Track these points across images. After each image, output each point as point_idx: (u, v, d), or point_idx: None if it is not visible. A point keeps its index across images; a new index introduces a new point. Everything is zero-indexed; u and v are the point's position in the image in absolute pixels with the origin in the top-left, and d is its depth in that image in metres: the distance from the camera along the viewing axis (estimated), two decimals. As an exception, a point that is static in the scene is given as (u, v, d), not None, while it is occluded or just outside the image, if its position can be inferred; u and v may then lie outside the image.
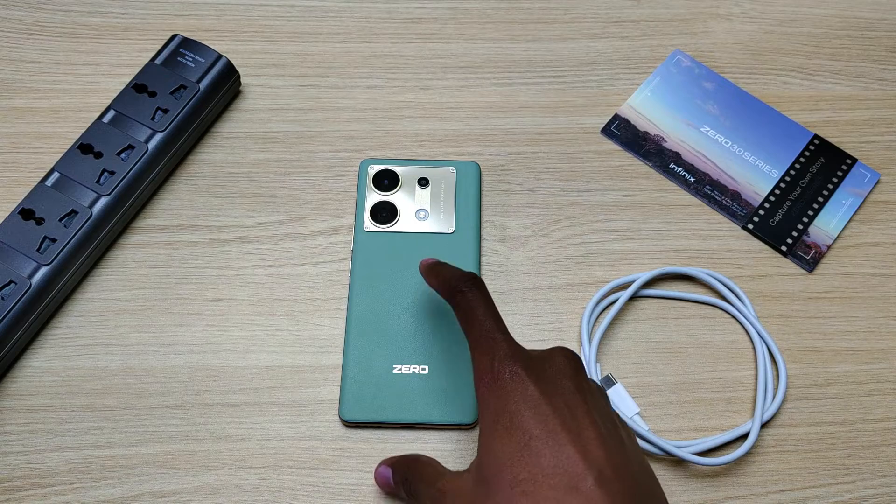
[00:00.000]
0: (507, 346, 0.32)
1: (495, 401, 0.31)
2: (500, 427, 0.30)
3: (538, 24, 0.53)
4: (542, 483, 0.28)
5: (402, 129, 0.49)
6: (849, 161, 0.49)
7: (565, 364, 0.32)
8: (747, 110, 0.50)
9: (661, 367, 0.43)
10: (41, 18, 0.51)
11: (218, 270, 0.44)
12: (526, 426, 0.29)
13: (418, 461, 0.35)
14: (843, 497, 0.40)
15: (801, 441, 0.41)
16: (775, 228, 0.46)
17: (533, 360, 0.32)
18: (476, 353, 0.33)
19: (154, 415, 0.40)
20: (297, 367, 0.42)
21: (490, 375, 0.31)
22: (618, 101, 0.50)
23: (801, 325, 0.44)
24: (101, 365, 0.41)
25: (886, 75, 0.52)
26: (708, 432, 0.41)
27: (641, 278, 0.43)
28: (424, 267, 0.38)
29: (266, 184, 0.46)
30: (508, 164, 0.48)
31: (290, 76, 0.50)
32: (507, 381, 0.31)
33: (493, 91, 0.50)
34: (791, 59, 0.52)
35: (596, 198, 0.47)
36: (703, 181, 0.48)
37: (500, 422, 0.30)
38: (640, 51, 0.52)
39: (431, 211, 0.45)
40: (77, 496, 0.38)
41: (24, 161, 0.46)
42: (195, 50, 0.47)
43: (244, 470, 0.39)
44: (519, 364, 0.31)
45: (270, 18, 0.52)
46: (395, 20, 0.52)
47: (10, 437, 0.39)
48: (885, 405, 0.42)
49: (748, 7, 0.54)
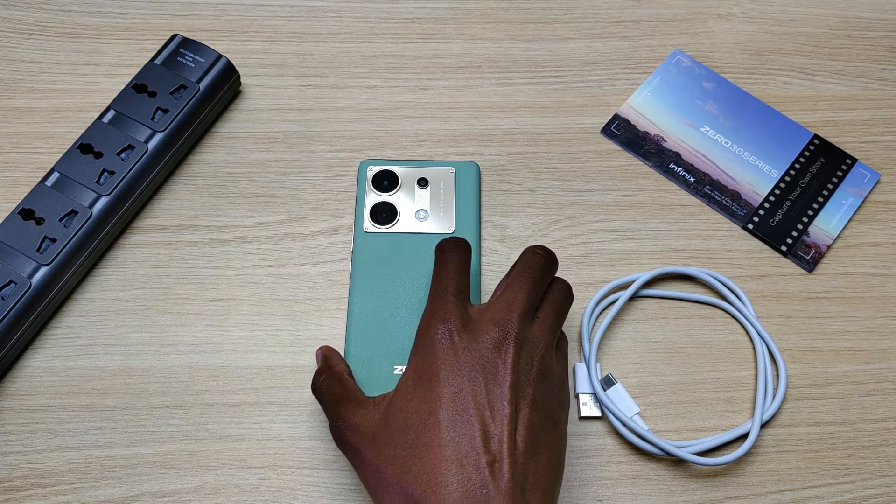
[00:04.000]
0: (454, 306, 0.32)
1: (421, 358, 0.32)
2: (419, 385, 0.31)
3: (538, 24, 0.53)
4: (435, 453, 0.29)
5: (402, 129, 0.49)
6: (849, 161, 0.49)
7: (502, 339, 0.32)
8: (747, 110, 0.50)
9: (661, 367, 0.43)
10: (41, 18, 0.51)
11: (218, 270, 0.44)
12: (439, 392, 0.30)
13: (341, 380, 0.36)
14: (843, 497, 0.40)
15: (800, 441, 0.41)
16: (775, 228, 0.46)
17: (472, 325, 0.32)
18: (426, 309, 0.34)
19: (154, 415, 0.40)
20: (297, 367, 0.42)
21: (426, 332, 0.32)
22: (618, 101, 0.50)
23: (801, 325, 0.44)
24: (101, 365, 0.41)
25: (886, 75, 0.52)
26: (708, 432, 0.41)
27: (641, 278, 0.43)
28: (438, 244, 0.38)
29: (266, 184, 0.46)
30: (508, 164, 0.48)
31: (290, 76, 0.50)
32: (437, 339, 0.31)
33: (493, 91, 0.50)
34: (791, 59, 0.52)
35: (596, 198, 0.47)
36: (702, 181, 0.48)
37: (420, 379, 0.31)
38: (640, 51, 0.52)
39: (431, 211, 0.45)
40: (77, 496, 0.38)
41: (24, 161, 0.46)
42: (195, 50, 0.47)
43: (244, 470, 0.39)
44: (454, 325, 0.32)
45: (270, 18, 0.52)
46: (395, 20, 0.52)
47: (10, 437, 0.39)
48: (885, 405, 0.42)
49: (748, 7, 0.54)
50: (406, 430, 0.30)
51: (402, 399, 0.31)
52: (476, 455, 0.29)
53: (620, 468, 0.40)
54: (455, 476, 0.29)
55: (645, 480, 0.40)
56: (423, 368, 0.31)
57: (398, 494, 0.30)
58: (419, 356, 0.32)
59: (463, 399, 0.30)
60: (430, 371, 0.31)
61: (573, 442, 0.40)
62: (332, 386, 0.35)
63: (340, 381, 0.36)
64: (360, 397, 0.34)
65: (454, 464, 0.29)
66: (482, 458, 0.29)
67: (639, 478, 0.40)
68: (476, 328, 0.32)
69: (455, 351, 0.31)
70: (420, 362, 0.32)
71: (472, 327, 0.32)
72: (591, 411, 0.41)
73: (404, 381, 0.32)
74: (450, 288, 0.34)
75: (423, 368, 0.31)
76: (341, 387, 0.35)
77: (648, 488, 0.39)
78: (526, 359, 0.32)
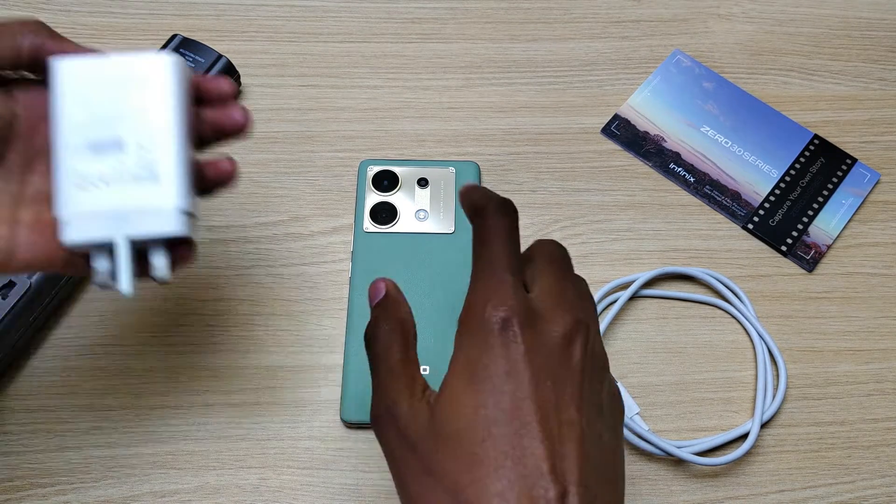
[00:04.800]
0: (513, 290, 0.26)
1: (475, 349, 0.26)
2: (472, 385, 0.25)
3: (538, 24, 0.53)
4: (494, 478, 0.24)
5: (402, 129, 0.49)
6: (849, 161, 0.49)
7: (574, 330, 0.26)
8: (747, 110, 0.50)
9: (661, 367, 0.43)
10: (42, 19, 0.51)
11: (218, 270, 0.44)
12: (498, 398, 0.25)
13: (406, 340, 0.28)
14: (843, 497, 0.40)
15: (801, 441, 0.41)
16: (775, 228, 0.46)
17: (536, 317, 0.26)
18: (473, 287, 0.27)
19: (154, 415, 0.40)
20: (297, 367, 0.42)
21: (479, 318, 0.26)
22: (618, 101, 0.50)
23: (801, 325, 0.44)
24: (101, 365, 0.41)
25: (886, 75, 0.52)
26: (708, 432, 0.41)
27: (641, 278, 0.43)
28: (463, 190, 0.30)
29: (266, 184, 0.46)
30: (508, 164, 0.48)
31: (290, 76, 0.50)
32: (494, 330, 0.26)
33: (493, 91, 0.50)
34: (791, 59, 0.52)
35: (596, 198, 0.47)
36: (702, 181, 0.48)
37: (473, 378, 0.26)
38: (640, 51, 0.52)
39: (431, 211, 0.45)
40: (77, 496, 0.38)
41: (24, 161, 0.46)
42: (195, 50, 0.47)
43: (244, 470, 0.39)
44: (517, 315, 0.26)
45: (270, 18, 0.52)
46: (395, 20, 0.52)
47: (10, 437, 0.39)
48: (885, 405, 0.42)
49: (748, 7, 0.54)
50: (458, 441, 0.25)
51: (451, 402, 0.26)
52: (544, 486, 0.24)
53: (620, 468, 0.40)
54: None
55: (645, 480, 0.40)
56: (475, 364, 0.26)
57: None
58: (470, 347, 0.26)
59: (527, 408, 0.25)
60: (485, 369, 0.25)
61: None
62: (392, 345, 0.28)
63: (405, 341, 0.28)
64: (417, 377, 0.28)
65: (516, 494, 0.24)
66: (551, 489, 0.24)
67: (639, 478, 0.40)
68: (542, 317, 0.26)
69: (517, 345, 0.25)
70: (471, 356, 0.26)
71: (536, 316, 0.26)
72: (591, 411, 0.41)
73: (452, 377, 0.26)
74: (502, 263, 0.27)
75: (477, 364, 0.26)
76: (404, 351, 0.28)
77: (648, 488, 0.39)
78: (591, 357, 0.27)
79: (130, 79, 0.29)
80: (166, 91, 0.29)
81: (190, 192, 0.29)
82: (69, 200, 0.28)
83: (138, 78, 0.29)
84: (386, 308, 0.29)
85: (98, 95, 0.29)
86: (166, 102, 0.29)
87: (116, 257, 0.28)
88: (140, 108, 0.29)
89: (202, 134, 0.32)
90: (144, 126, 0.29)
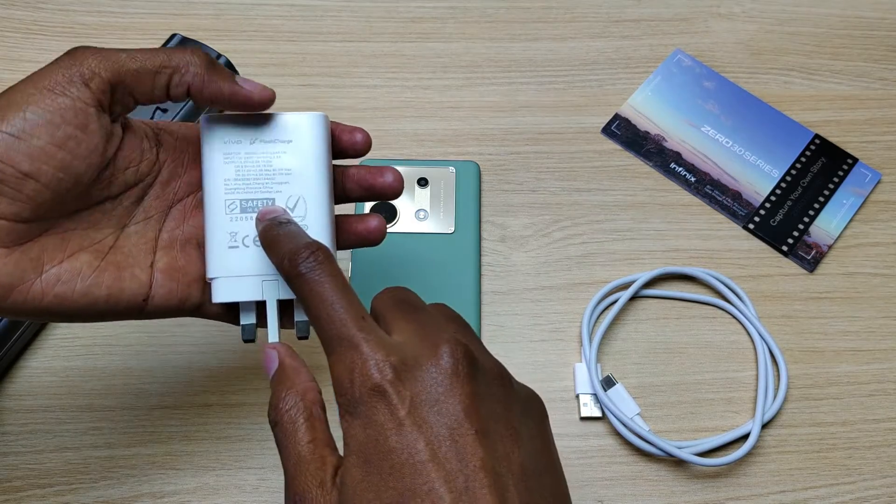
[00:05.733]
0: (369, 347, 0.24)
1: (359, 430, 0.24)
2: (367, 467, 0.23)
3: (538, 24, 0.53)
4: None
5: (402, 128, 0.49)
6: (850, 161, 0.49)
7: (450, 356, 0.24)
8: (748, 110, 0.50)
9: (661, 367, 0.42)
10: (41, 18, 0.51)
11: (217, 270, 0.44)
12: (395, 480, 0.23)
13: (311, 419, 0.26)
14: (844, 497, 0.40)
15: (802, 441, 0.41)
16: (776, 228, 0.46)
17: (406, 365, 0.24)
18: (330, 362, 0.25)
19: (153, 415, 0.40)
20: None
21: (350, 397, 0.24)
22: (618, 100, 0.50)
23: (802, 325, 0.44)
24: (101, 365, 0.41)
25: (887, 75, 0.52)
26: (709, 433, 0.41)
27: (642, 278, 0.43)
28: (262, 231, 0.29)
29: (266, 184, 0.46)
30: (508, 163, 0.48)
31: (290, 76, 0.50)
32: (370, 404, 0.23)
33: (493, 91, 0.50)
34: (792, 59, 0.52)
35: (596, 198, 0.47)
36: (703, 181, 0.48)
37: (368, 459, 0.23)
38: (641, 50, 0.52)
39: (431, 211, 0.44)
40: (76, 496, 0.38)
41: (24, 161, 0.46)
42: (195, 50, 0.47)
43: (244, 470, 0.39)
44: (385, 378, 0.23)
45: (270, 18, 0.52)
46: (395, 20, 0.52)
47: (10, 437, 0.39)
48: (886, 405, 0.42)
49: (749, 6, 0.54)
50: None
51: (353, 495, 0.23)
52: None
53: (621, 469, 0.40)
54: None
55: (646, 481, 0.40)
56: (365, 447, 0.23)
57: None
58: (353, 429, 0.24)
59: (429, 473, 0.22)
60: (375, 448, 0.23)
61: (574, 442, 0.40)
62: (296, 430, 0.25)
63: (310, 417, 0.26)
64: (328, 458, 0.25)
65: None
66: None
67: (639, 478, 0.40)
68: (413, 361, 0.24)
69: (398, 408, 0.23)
70: (359, 438, 0.24)
71: (405, 364, 0.24)
72: (591, 412, 0.41)
73: (349, 466, 0.24)
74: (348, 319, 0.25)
75: (366, 447, 0.23)
76: (311, 432, 0.25)
77: (649, 489, 0.39)
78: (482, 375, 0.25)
79: (280, 138, 0.30)
80: (316, 152, 0.30)
81: (334, 250, 0.31)
82: (221, 262, 0.30)
83: (288, 137, 0.30)
84: (283, 381, 0.27)
85: (248, 153, 0.30)
86: (317, 163, 0.30)
87: (268, 315, 0.30)
88: (290, 169, 0.30)
89: (348, 191, 0.33)
90: (294, 186, 0.30)
